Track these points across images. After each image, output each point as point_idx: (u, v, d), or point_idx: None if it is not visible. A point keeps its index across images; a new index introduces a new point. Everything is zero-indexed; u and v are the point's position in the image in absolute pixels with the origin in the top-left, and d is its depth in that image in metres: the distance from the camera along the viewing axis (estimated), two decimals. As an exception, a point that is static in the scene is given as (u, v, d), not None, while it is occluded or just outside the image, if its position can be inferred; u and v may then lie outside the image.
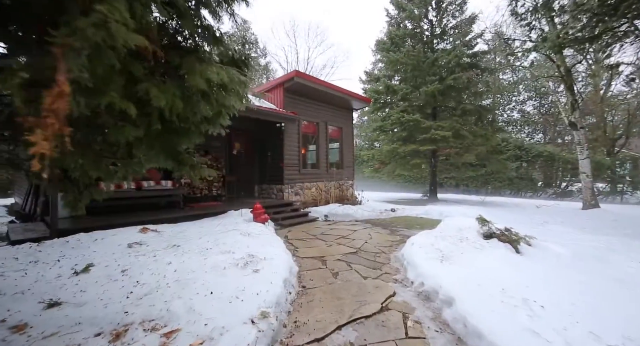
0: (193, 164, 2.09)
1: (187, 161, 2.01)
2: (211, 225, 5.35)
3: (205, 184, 7.54)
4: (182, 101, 1.54)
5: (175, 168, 2.06)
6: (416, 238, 4.37)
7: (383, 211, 9.30)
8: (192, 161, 2.03)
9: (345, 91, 10.02)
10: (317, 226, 6.81)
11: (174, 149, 1.90)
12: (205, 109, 1.76)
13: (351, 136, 11.78)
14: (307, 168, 9.77)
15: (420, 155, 14.01)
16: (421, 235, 4.54)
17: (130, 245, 3.97)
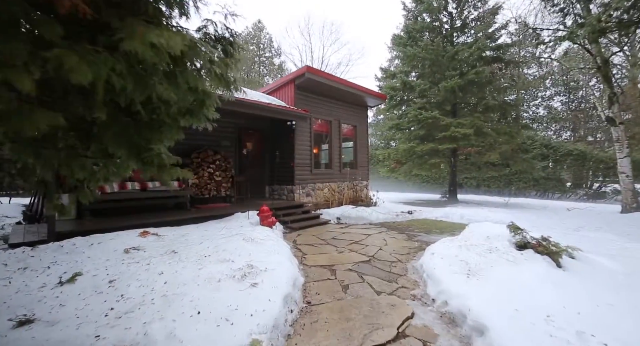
0: (162, 165, 1.75)
1: (153, 161, 1.67)
2: (216, 228, 5.08)
3: (213, 185, 7.32)
4: (130, 81, 1.20)
5: (141, 169, 1.73)
6: (437, 247, 3.90)
7: (399, 214, 8.80)
8: (161, 160, 1.70)
9: (359, 87, 9.57)
10: (328, 230, 6.43)
11: (138, 145, 1.57)
12: (170, 92, 1.41)
13: (366, 134, 11.31)
14: (319, 168, 9.41)
15: (439, 154, 13.32)
16: (443, 243, 4.05)
17: (127, 250, 3.74)
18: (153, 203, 5.88)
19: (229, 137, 8.20)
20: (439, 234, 6.11)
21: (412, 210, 9.51)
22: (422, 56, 12.77)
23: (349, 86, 9.14)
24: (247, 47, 30.08)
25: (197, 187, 7.05)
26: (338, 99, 9.84)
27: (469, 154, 14.44)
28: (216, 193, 7.41)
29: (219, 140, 7.95)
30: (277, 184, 8.98)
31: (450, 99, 13.12)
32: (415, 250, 4.79)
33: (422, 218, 8.59)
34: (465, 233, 4.19)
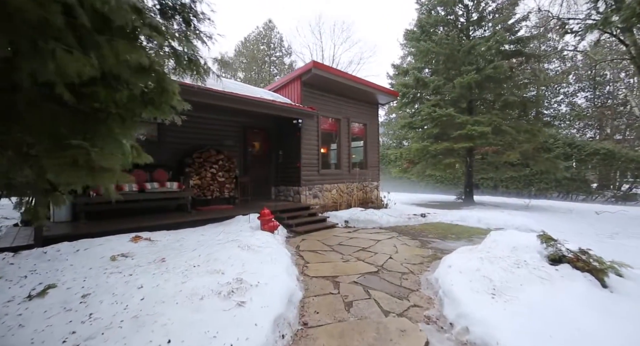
0: (91, 167, 1.41)
1: (78, 161, 1.32)
2: (213, 233, 4.78)
3: (216, 186, 7.06)
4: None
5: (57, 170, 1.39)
6: (454, 258, 3.44)
7: (412, 217, 8.30)
8: (89, 160, 1.35)
9: (370, 84, 9.13)
10: (335, 234, 6.03)
11: (62, 139, 1.23)
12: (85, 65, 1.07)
13: (376, 133, 10.84)
14: (327, 168, 9.02)
15: (454, 154, 12.68)
16: (461, 254, 3.59)
17: (114, 258, 3.46)
18: (152, 204, 5.65)
19: (232, 136, 7.93)
20: (456, 241, 5.62)
21: (426, 213, 8.99)
22: (436, 51, 12.17)
23: (358, 82, 8.72)
24: (258, 48, 30.01)
25: (199, 188, 6.80)
26: (347, 97, 9.43)
27: (486, 153, 13.73)
28: (219, 194, 7.14)
29: (222, 139, 7.68)
30: (283, 185, 8.65)
31: (466, 96, 12.46)
32: (430, 259, 4.34)
33: (436, 221, 8.07)
34: (487, 243, 3.70)
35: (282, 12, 45.05)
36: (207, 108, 6.89)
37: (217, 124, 7.61)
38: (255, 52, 29.59)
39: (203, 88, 5.32)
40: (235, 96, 5.84)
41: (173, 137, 6.79)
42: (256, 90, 7.62)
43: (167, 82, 1.45)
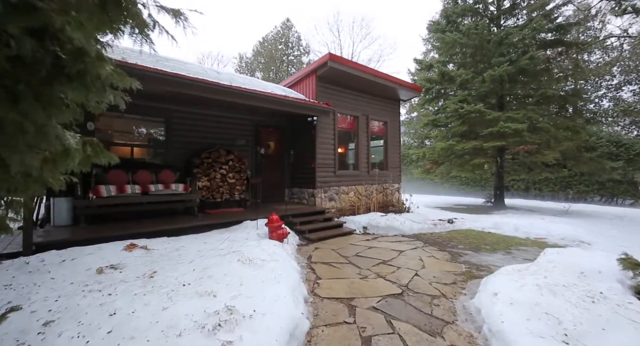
0: None
1: None
2: (217, 241, 4.34)
3: (226, 188, 6.67)
4: None
5: None
6: (499, 283, 2.76)
7: (437, 222, 7.54)
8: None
9: (390, 78, 8.44)
10: (352, 243, 5.44)
11: None
12: None
13: (398, 131, 10.12)
14: (344, 169, 8.43)
15: (483, 153, 11.67)
16: (507, 276, 2.89)
17: (100, 270, 3.08)
18: (157, 207, 5.32)
19: (244, 135, 7.52)
20: (491, 253, 4.87)
21: (453, 218, 8.18)
22: (463, 42, 11.24)
23: (378, 76, 8.06)
24: (276, 47, 29.86)
25: (208, 190, 6.43)
26: (366, 92, 8.79)
27: (517, 153, 12.59)
28: (229, 196, 6.75)
29: (233, 138, 7.30)
30: (297, 187, 8.16)
31: (497, 91, 11.43)
32: (464, 278, 3.65)
33: (465, 228, 7.27)
34: (542, 263, 2.98)
35: (301, 11, 44.83)
36: (215, 104, 6.53)
37: (229, 122, 7.23)
38: (273, 52, 29.45)
39: (206, 81, 4.91)
40: (243, 90, 5.40)
41: (182, 136, 6.47)
42: (267, 85, 7.16)
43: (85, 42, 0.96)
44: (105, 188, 4.68)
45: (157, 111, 6.14)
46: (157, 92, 5.34)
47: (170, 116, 6.31)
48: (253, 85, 6.12)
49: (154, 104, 6.04)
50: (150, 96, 5.85)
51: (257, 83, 6.81)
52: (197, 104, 6.59)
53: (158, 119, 6.24)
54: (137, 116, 5.99)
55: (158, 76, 4.35)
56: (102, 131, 5.65)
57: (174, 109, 6.34)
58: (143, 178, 5.38)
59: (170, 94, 5.59)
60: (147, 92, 5.61)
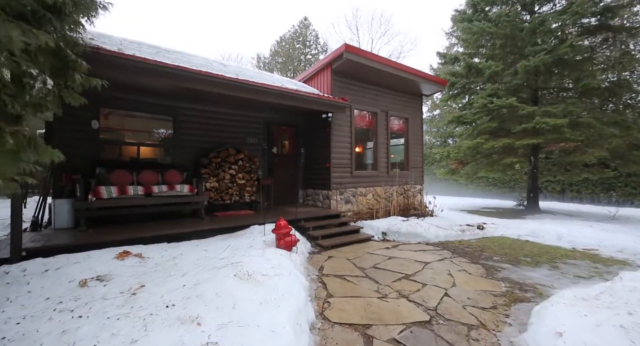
0: None
1: None
2: (219, 248, 3.94)
3: (236, 189, 6.32)
4: None
5: None
6: (562, 315, 2.13)
7: (465, 228, 6.81)
8: None
9: (412, 71, 7.79)
10: (370, 251, 4.89)
11: None
12: None
13: (420, 129, 9.41)
14: (361, 170, 7.87)
15: (514, 152, 10.67)
16: (571, 307, 2.24)
17: (83, 283, 2.74)
18: (160, 210, 5.02)
19: (255, 133, 7.15)
20: (534, 267, 4.16)
21: (482, 224, 7.40)
22: (492, 31, 10.32)
23: (398, 69, 7.43)
24: (293, 46, 29.62)
25: (217, 191, 6.10)
26: (386, 87, 8.18)
27: (551, 152, 11.46)
28: (239, 198, 6.38)
29: (244, 137, 6.94)
30: (311, 189, 7.69)
31: (531, 83, 10.41)
32: (506, 301, 3.02)
33: (497, 235, 6.51)
34: (620, 292, 2.30)
35: (318, 9, 44.43)
36: (224, 101, 6.17)
37: (239, 120, 6.88)
38: (290, 51, 29.23)
39: (209, 74, 4.53)
40: (248, 84, 4.98)
41: (190, 134, 6.18)
42: (278, 78, 6.72)
43: None
44: (106, 189, 4.42)
45: (165, 109, 5.88)
46: (157, 87, 5.05)
47: (178, 113, 6.03)
48: (262, 78, 5.72)
49: (161, 102, 5.79)
50: (158, 93, 5.60)
51: (267, 77, 6.39)
52: (206, 101, 6.29)
53: (166, 117, 5.98)
54: (144, 114, 5.75)
55: (157, 68, 4.02)
56: (107, 129, 5.45)
57: (182, 106, 6.06)
58: (148, 179, 5.11)
59: (174, 90, 5.29)
60: (154, 89, 5.37)
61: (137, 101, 5.53)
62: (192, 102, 6.15)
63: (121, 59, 3.72)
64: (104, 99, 5.19)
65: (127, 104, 5.45)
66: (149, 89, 5.39)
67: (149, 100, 5.64)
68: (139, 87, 5.26)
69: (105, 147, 5.38)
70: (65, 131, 4.83)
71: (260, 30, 47.74)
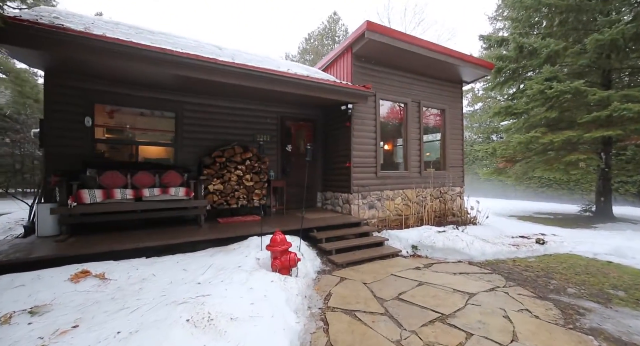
0: None
1: None
2: (201, 268, 3.21)
3: (243, 192, 5.64)
4: None
5: None
6: None
7: (519, 242, 5.48)
8: None
9: (451, 52, 6.55)
10: (394, 272, 3.89)
11: None
12: None
13: (459, 121, 8.07)
14: (388, 170, 6.81)
15: (578, 147, 8.81)
16: None
17: (6, 319, 2.13)
18: (153, 216, 4.46)
19: (267, 130, 6.43)
20: (636, 309, 2.87)
21: (542, 236, 5.96)
22: (552, 3, 8.61)
23: (433, 50, 6.25)
24: (322, 42, 28.89)
25: (222, 195, 5.46)
26: (417, 72, 7.02)
27: (624, 147, 9.37)
28: (246, 202, 5.69)
29: (254, 134, 6.25)
30: (330, 191, 6.80)
31: (602, 63, 8.50)
32: (608, 380, 1.88)
33: (564, 252, 5.11)
34: None
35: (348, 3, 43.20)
36: (231, 94, 5.49)
37: (249, 115, 6.21)
38: (319, 48, 28.50)
39: (193, 57, 3.82)
40: (238, 67, 4.15)
41: (194, 132, 5.62)
42: (284, 63, 5.85)
43: None
44: (89, 192, 3.93)
45: (167, 104, 5.37)
46: (149, 77, 4.48)
47: (181, 108, 5.49)
48: (264, 63, 4.92)
49: (163, 96, 5.28)
50: (158, 86, 5.09)
51: (271, 61, 5.57)
52: (212, 95, 5.69)
53: (168, 113, 5.47)
54: (144, 110, 5.28)
55: (130, 51, 3.39)
56: (103, 127, 5.04)
57: (185, 101, 5.51)
58: (143, 181, 4.58)
59: (172, 80, 4.71)
60: (152, 82, 4.84)
61: (136, 95, 5.06)
62: (196, 97, 5.58)
63: (85, 39, 3.14)
64: (98, 94, 4.78)
65: (125, 99, 5.00)
66: (147, 82, 4.89)
67: (149, 94, 5.15)
68: (134, 80, 4.77)
69: (99, 147, 4.97)
70: (56, 129, 4.46)
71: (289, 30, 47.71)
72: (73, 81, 4.53)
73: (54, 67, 4.26)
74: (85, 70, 4.33)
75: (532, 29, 10.47)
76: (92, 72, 4.42)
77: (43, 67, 4.28)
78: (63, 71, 4.37)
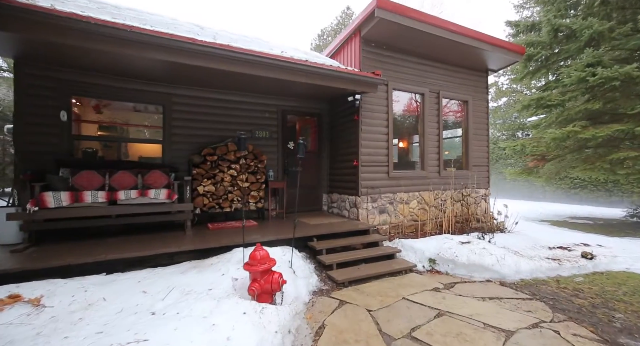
0: None
1: None
2: (164, 290, 2.62)
3: (237, 194, 5.07)
4: None
5: None
6: None
7: (560, 254, 4.58)
8: None
9: (475, 33, 5.70)
10: (407, 296, 3.16)
11: None
12: None
13: (484, 114, 7.16)
14: (402, 169, 6.04)
15: (628, 143, 7.66)
16: None
17: None
18: (130, 221, 3.94)
19: (266, 125, 5.82)
20: None
21: (586, 247, 5.01)
22: (593, -22, 7.51)
23: (454, 32, 5.43)
24: (335, 38, 28.09)
25: (213, 197, 4.90)
26: (436, 59, 6.20)
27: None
28: (241, 205, 5.11)
29: (251, 130, 5.66)
30: (336, 193, 6.10)
31: (656, 45, 7.32)
32: None
33: (619, 270, 4.20)
34: None
35: (364, 1, 42.07)
36: (220, 85, 4.88)
37: (245, 109, 5.62)
38: (332, 44, 27.77)
39: (161, 34, 3.22)
40: (223, 48, 3.51)
41: (184, 127, 5.09)
42: (277, 45, 5.09)
43: None
44: (53, 196, 3.45)
45: (153, 96, 4.86)
46: (111, 60, 3.93)
47: (169, 101, 4.97)
48: (252, 43, 4.26)
49: (149, 88, 4.78)
50: (143, 76, 4.57)
51: (261, 42, 4.87)
52: (204, 86, 5.14)
53: (154, 107, 4.97)
54: (127, 103, 4.80)
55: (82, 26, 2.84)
56: (82, 122, 4.59)
57: (174, 93, 4.99)
58: (122, 182, 4.09)
59: (153, 68, 4.17)
60: (134, 71, 4.32)
61: (119, 87, 4.57)
62: (187, 88, 5.05)
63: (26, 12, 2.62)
64: (76, 85, 4.31)
65: (107, 91, 4.51)
66: (129, 72, 4.37)
67: (133, 86, 4.66)
68: (115, 69, 4.26)
69: (77, 144, 4.52)
70: (28, 124, 4.03)
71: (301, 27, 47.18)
72: (46, 70, 4.08)
73: (23, 54, 3.81)
74: (57, 57, 3.87)
75: (568, 10, 9.31)
76: (67, 60, 3.95)
77: (11, 54, 3.85)
78: (33, 58, 3.92)
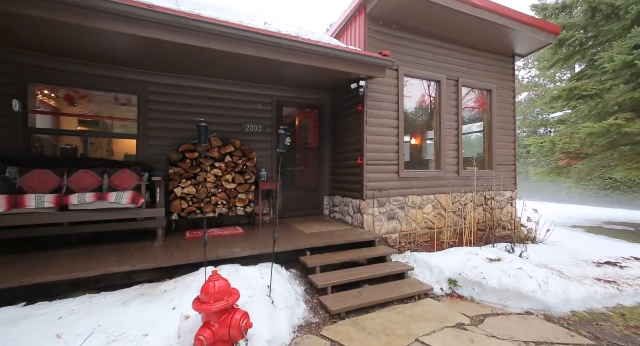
0: None
1: None
2: (88, 331, 1.95)
3: (222, 197, 4.39)
4: None
5: None
6: None
7: (611, 273, 3.70)
8: None
9: (503, 9, 4.82)
10: (420, 336, 2.38)
11: None
12: None
13: (511, 106, 6.26)
14: (415, 168, 5.22)
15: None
16: None
17: None
18: (86, 230, 3.31)
19: (258, 118, 5.13)
20: None
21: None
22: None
23: (477, 6, 4.57)
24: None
25: (194, 200, 4.23)
26: (454, 41, 5.35)
27: None
28: (227, 209, 4.43)
29: (242, 123, 4.97)
30: (339, 195, 5.35)
31: None
32: None
33: (696, 297, 3.25)
34: None
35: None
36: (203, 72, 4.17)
37: (235, 99, 4.95)
38: (341, 40, 26.94)
39: None
40: (186, 17, 2.78)
41: (162, 120, 4.44)
42: (261, 16, 4.26)
43: None
44: (-13, 199, 2.85)
45: (126, 84, 4.23)
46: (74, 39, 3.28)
47: (144, 90, 4.33)
48: (228, 12, 3.53)
49: (121, 75, 4.15)
50: (115, 61, 3.95)
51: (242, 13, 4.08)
52: (185, 73, 4.48)
53: (127, 96, 4.35)
54: (96, 92, 4.20)
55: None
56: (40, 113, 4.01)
57: (151, 81, 4.36)
58: (83, 183, 3.49)
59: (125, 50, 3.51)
60: (106, 55, 3.70)
61: (87, 73, 3.96)
62: (165, 75, 4.41)
63: None
64: (34, 71, 3.73)
65: (71, 77, 3.91)
66: (97, 54, 3.74)
67: (103, 72, 4.04)
68: (80, 52, 3.65)
69: (35, 139, 3.93)
70: (-26, 115, 3.47)
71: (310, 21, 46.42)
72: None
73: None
74: (3, 34, 3.28)
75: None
76: (17, 38, 3.36)
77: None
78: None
